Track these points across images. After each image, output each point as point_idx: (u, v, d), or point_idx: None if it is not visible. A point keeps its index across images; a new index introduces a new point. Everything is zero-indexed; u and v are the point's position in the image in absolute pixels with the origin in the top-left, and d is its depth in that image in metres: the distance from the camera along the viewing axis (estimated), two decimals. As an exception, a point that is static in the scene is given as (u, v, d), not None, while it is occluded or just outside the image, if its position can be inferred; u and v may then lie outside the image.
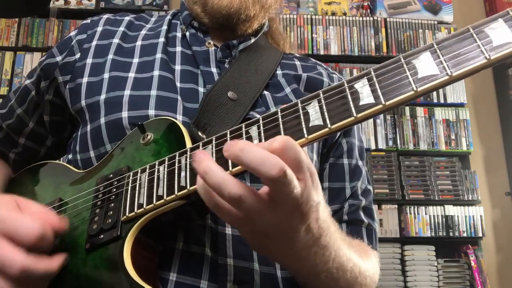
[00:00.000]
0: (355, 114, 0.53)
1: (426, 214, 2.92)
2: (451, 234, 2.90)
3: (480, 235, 2.91)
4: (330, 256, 0.62)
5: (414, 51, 0.53)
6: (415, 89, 0.51)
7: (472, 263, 2.83)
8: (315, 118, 0.55)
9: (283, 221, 0.54)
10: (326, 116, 0.54)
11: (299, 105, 0.57)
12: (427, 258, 2.86)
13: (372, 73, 0.54)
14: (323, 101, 0.55)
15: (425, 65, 0.51)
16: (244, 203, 0.52)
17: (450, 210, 2.94)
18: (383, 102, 0.51)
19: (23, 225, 0.60)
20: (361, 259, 0.74)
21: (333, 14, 3.37)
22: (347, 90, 0.54)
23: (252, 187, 0.53)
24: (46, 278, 0.62)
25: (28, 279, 0.59)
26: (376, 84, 0.53)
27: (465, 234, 2.90)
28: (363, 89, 0.53)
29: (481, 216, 2.94)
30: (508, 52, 0.48)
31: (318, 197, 0.55)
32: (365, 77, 0.54)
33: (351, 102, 0.53)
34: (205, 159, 0.53)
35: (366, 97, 0.52)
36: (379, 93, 0.52)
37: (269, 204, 0.53)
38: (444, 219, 2.92)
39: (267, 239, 0.57)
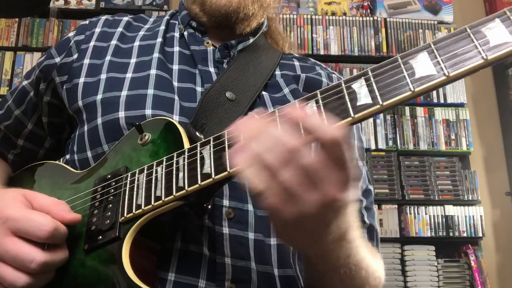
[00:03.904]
0: (352, 115, 0.53)
1: (426, 214, 2.91)
2: (451, 234, 2.90)
3: (480, 235, 2.91)
4: (352, 251, 0.62)
5: (411, 51, 0.53)
6: (412, 89, 0.50)
7: (472, 263, 2.83)
8: None
9: (320, 210, 0.51)
10: (324, 117, 0.54)
11: (297, 105, 0.57)
12: (427, 258, 2.86)
13: (370, 73, 0.54)
14: (320, 101, 0.55)
15: (422, 65, 0.51)
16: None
17: (450, 210, 2.93)
18: (381, 103, 0.51)
19: (35, 223, 0.61)
20: (371, 259, 0.74)
21: (333, 14, 3.37)
22: (345, 91, 0.54)
23: None
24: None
25: (47, 271, 0.63)
26: (374, 85, 0.53)
27: (465, 234, 2.90)
28: (361, 89, 0.53)
29: (481, 216, 2.93)
30: (505, 52, 0.48)
31: (353, 194, 0.54)
32: (363, 77, 0.54)
33: (348, 103, 0.53)
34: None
35: (364, 97, 0.52)
36: (377, 93, 0.52)
37: (310, 180, 0.50)
38: (444, 219, 2.92)
39: (300, 231, 0.55)
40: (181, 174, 0.60)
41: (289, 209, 0.50)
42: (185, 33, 0.93)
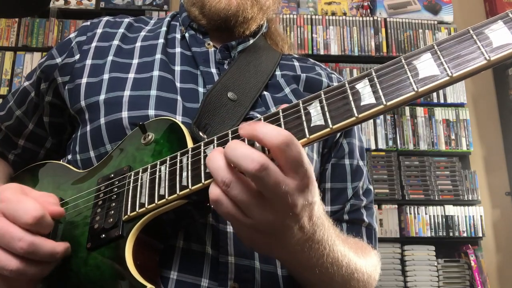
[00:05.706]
0: (356, 114, 0.53)
1: (426, 214, 2.92)
2: (451, 234, 2.90)
3: (480, 235, 2.92)
4: (325, 251, 0.63)
5: (414, 52, 0.53)
6: (416, 89, 0.51)
7: (472, 263, 2.83)
8: (317, 118, 0.55)
9: (276, 219, 0.55)
10: (328, 116, 0.54)
11: (301, 105, 0.57)
12: (427, 258, 2.86)
13: (373, 73, 0.54)
14: (324, 101, 0.56)
15: (426, 66, 0.51)
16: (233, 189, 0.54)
17: (450, 210, 2.94)
18: (385, 103, 0.52)
19: (24, 206, 0.63)
20: (357, 256, 0.74)
21: (333, 14, 3.37)
22: (349, 91, 0.55)
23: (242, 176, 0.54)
24: (51, 261, 0.64)
25: (34, 257, 0.62)
26: (377, 85, 0.53)
27: (465, 234, 2.90)
28: (364, 89, 0.53)
29: (481, 216, 2.94)
30: (507, 53, 0.48)
31: (313, 197, 0.56)
32: (366, 78, 0.55)
33: (352, 103, 0.54)
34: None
35: (368, 97, 0.53)
36: (380, 93, 0.52)
37: (257, 196, 0.54)
38: (444, 219, 2.92)
39: (261, 236, 0.58)
40: (185, 173, 0.61)
41: (243, 218, 0.55)
42: (186, 34, 0.93)
